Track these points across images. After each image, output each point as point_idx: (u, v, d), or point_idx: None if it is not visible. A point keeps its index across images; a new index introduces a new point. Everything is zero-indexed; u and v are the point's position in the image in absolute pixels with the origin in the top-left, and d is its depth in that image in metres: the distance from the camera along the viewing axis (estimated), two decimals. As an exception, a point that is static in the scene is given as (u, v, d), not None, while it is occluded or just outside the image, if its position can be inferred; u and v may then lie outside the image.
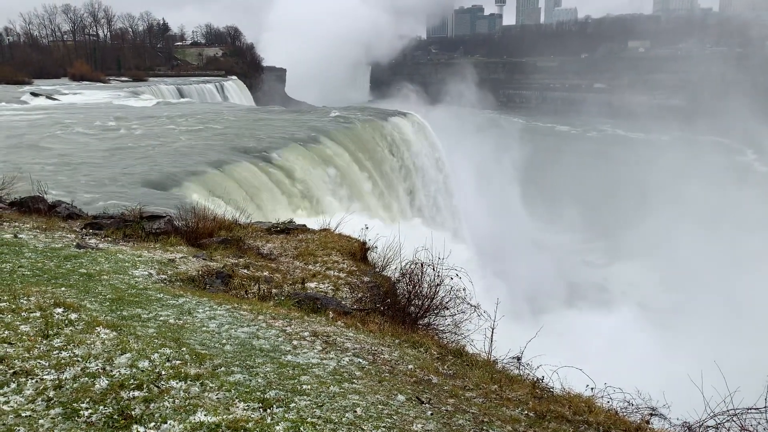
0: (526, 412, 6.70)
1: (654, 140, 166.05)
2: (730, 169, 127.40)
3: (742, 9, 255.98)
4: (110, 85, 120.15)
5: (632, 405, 7.75)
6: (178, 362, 6.24)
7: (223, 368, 6.29)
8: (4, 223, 13.16)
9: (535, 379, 8.29)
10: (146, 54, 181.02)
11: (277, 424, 5.17)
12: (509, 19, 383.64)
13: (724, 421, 6.81)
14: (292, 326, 8.33)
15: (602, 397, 7.74)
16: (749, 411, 6.72)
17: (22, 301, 7.69)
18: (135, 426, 4.99)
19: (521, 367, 8.83)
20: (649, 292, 61.25)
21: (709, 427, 7.02)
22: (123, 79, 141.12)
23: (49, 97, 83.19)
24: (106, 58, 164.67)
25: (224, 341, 7.30)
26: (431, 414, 5.99)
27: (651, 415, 7.70)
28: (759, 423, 6.73)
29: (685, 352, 40.41)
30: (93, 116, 56.83)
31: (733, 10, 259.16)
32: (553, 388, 8.01)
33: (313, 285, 12.06)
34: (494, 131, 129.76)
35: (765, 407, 6.67)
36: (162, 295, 9.16)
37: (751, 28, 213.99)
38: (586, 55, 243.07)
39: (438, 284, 11.14)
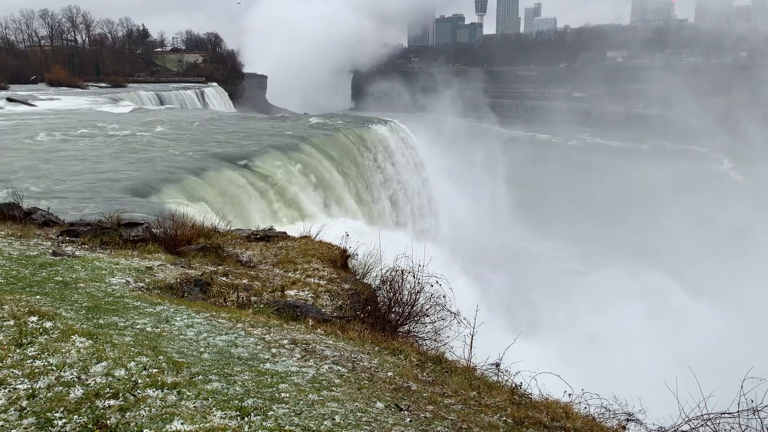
0: (504, 418, 6.73)
1: (632, 149, 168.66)
2: (708, 177, 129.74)
3: (717, 20, 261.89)
4: (89, 91, 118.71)
5: (609, 410, 7.85)
6: (155, 370, 6.18)
7: (200, 376, 6.23)
8: (-22, 231, 12.96)
9: (514, 385, 8.34)
10: (125, 60, 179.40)
11: (255, 433, 5.14)
12: (489, 28, 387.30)
13: (699, 425, 6.91)
14: (271, 334, 8.29)
15: (580, 402, 7.83)
16: (722, 415, 6.82)
17: (-5, 309, 7.56)
18: (110, 435, 4.93)
19: (500, 374, 8.87)
20: (630, 298, 61.78)
21: (683, 431, 7.12)
22: (102, 85, 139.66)
23: (25, 103, 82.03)
24: (84, 64, 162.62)
25: (202, 349, 7.24)
26: (410, 421, 5.99)
27: (627, 420, 7.81)
28: (732, 428, 6.84)
29: (662, 357, 40.85)
30: (70, 122, 56.15)
31: (709, 22, 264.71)
32: (531, 394, 8.07)
33: (292, 293, 12.01)
34: (475, 139, 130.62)
35: (738, 411, 6.78)
36: (139, 303, 9.07)
37: (726, 39, 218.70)
38: (565, 64, 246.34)
39: (418, 291, 11.16)
